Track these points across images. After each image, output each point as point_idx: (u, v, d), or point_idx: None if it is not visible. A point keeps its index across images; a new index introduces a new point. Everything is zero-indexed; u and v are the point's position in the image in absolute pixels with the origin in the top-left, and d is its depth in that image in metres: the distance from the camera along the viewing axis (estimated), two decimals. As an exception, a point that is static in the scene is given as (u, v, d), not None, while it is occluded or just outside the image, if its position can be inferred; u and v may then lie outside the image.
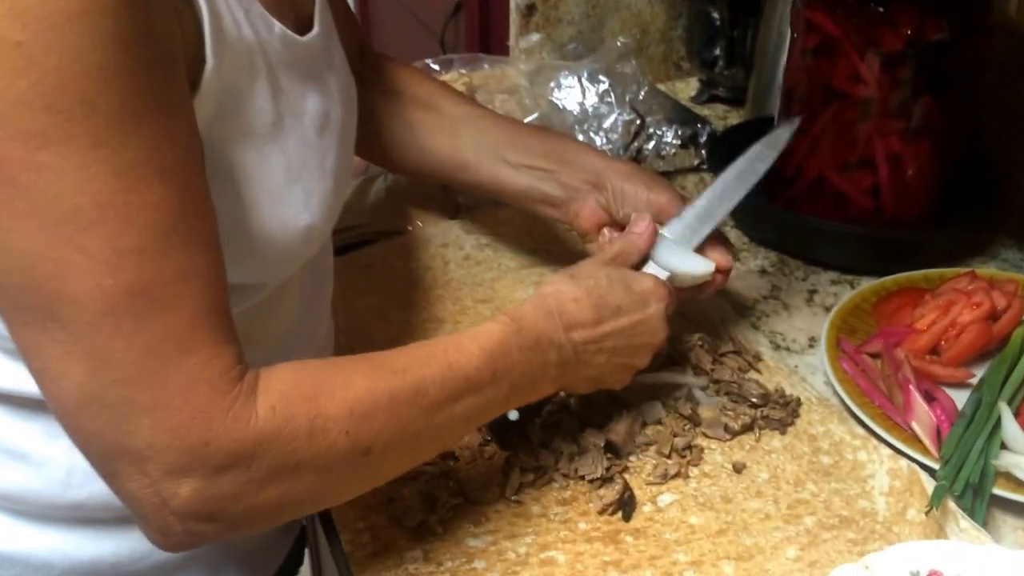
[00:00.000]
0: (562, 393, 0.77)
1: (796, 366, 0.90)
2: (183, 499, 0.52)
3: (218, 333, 0.53)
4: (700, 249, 0.82)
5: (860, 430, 0.79)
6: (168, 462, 0.51)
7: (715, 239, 0.83)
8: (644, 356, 0.75)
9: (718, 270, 0.82)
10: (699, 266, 0.81)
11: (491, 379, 0.64)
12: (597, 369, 0.72)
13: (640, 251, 0.79)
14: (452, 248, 1.03)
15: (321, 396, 0.55)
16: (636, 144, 1.20)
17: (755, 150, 0.86)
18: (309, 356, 0.75)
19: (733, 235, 1.10)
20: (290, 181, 0.62)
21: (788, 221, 1.04)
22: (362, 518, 0.71)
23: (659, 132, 1.20)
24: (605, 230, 0.86)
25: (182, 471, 0.51)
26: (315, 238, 0.65)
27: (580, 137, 1.18)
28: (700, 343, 0.88)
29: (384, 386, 0.58)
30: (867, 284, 0.96)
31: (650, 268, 0.80)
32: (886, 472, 0.75)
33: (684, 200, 0.84)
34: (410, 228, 1.05)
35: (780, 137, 0.86)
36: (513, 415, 0.74)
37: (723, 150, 1.12)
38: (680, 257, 0.80)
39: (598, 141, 1.18)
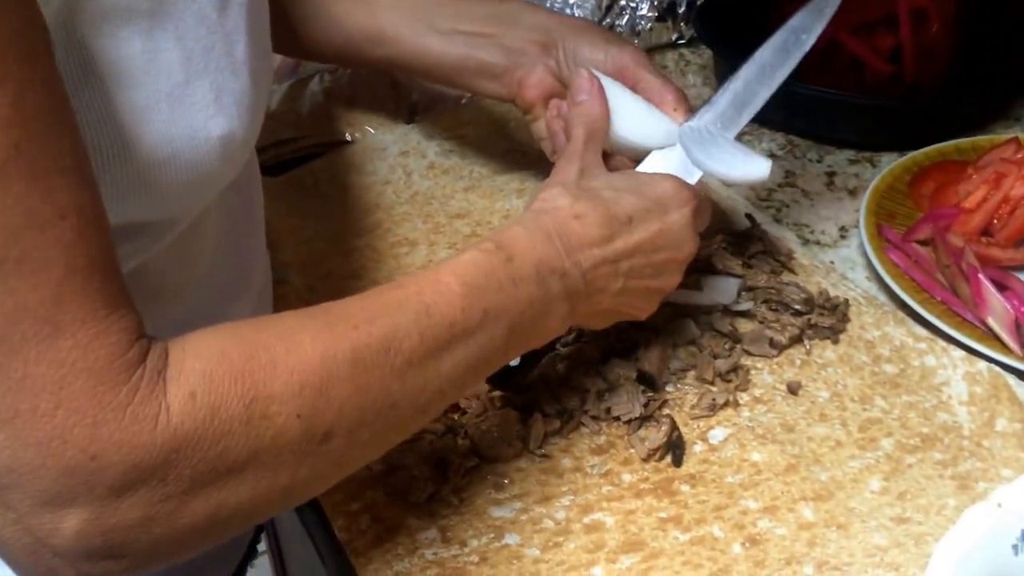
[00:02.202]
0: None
1: (832, 262, 0.78)
2: (69, 536, 0.38)
3: (101, 301, 0.38)
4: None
5: (922, 331, 0.68)
6: (40, 489, 0.37)
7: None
8: (670, 276, 0.61)
9: None
10: (748, 164, 0.64)
11: (481, 322, 0.50)
12: (614, 297, 0.58)
13: (601, 118, 0.64)
14: (413, 156, 0.87)
15: (259, 370, 0.41)
16: (608, 20, 1.04)
17: (797, 20, 0.70)
18: (246, 306, 0.60)
19: (730, 117, 0.97)
20: (193, 76, 0.46)
21: (797, 95, 0.90)
22: (355, 497, 0.58)
23: (632, 4, 1.04)
24: (554, 103, 0.70)
25: (62, 499, 0.37)
26: (235, 151, 0.49)
27: (543, 17, 1.03)
28: (723, 244, 0.75)
29: (343, 346, 0.44)
30: (896, 161, 0.84)
31: (675, 166, 0.65)
32: (962, 377, 0.65)
33: (648, 63, 0.69)
34: (358, 136, 0.89)
35: (827, 2, 0.70)
36: (514, 360, 0.60)
37: (715, 18, 0.98)
38: (720, 152, 0.65)
39: (565, 20, 1.02)
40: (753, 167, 0.64)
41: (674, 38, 1.08)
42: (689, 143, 0.65)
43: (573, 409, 0.62)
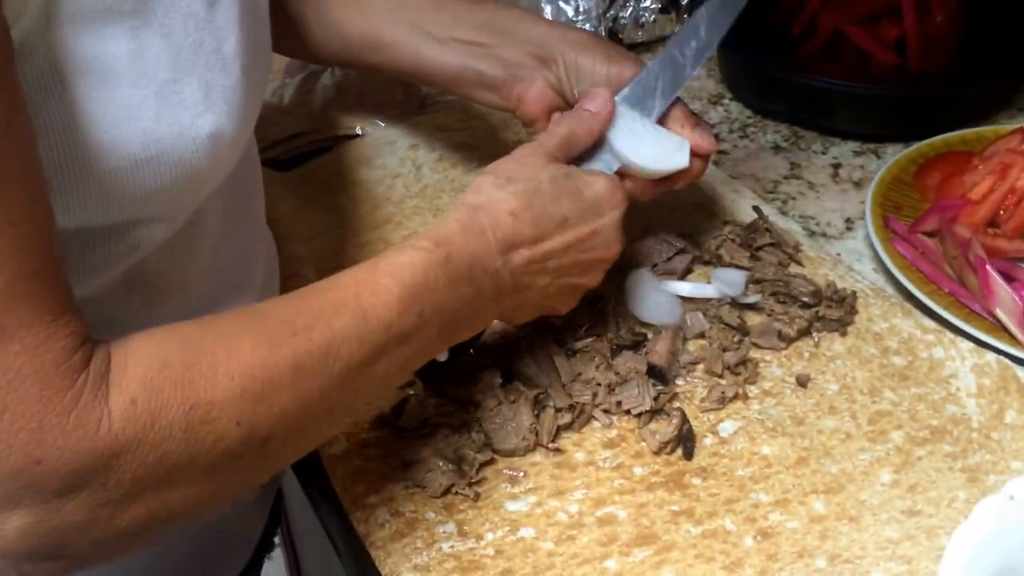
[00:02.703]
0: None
1: (838, 254, 0.78)
2: (11, 537, 0.39)
3: (49, 306, 0.38)
4: (666, 126, 0.67)
5: (930, 323, 0.69)
6: None
7: (688, 117, 0.68)
8: (595, 274, 0.62)
9: (695, 154, 0.67)
10: (671, 152, 0.65)
11: (417, 324, 0.50)
12: (539, 293, 0.59)
13: (593, 134, 0.64)
14: (422, 150, 0.87)
15: (199, 377, 0.42)
16: (612, 12, 1.04)
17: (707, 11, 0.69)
18: (249, 299, 0.60)
19: (735, 109, 0.97)
20: (181, 73, 0.46)
21: (801, 87, 0.91)
22: (374, 490, 0.58)
23: (637, -4, 1.04)
24: (556, 116, 0.69)
25: (6, 502, 0.38)
26: (225, 147, 0.49)
27: (548, 8, 1.03)
28: (731, 236, 0.76)
29: (284, 353, 0.44)
30: (902, 152, 0.84)
31: (602, 159, 0.65)
32: (970, 369, 0.65)
33: None
34: (369, 129, 0.89)
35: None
36: (442, 355, 0.61)
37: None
38: (645, 141, 0.65)
39: (569, 11, 1.02)
40: (674, 154, 0.65)
41: (677, 30, 1.08)
42: (612, 136, 0.65)
43: (584, 403, 0.63)
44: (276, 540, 1.31)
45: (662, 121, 0.68)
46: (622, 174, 0.65)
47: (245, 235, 0.62)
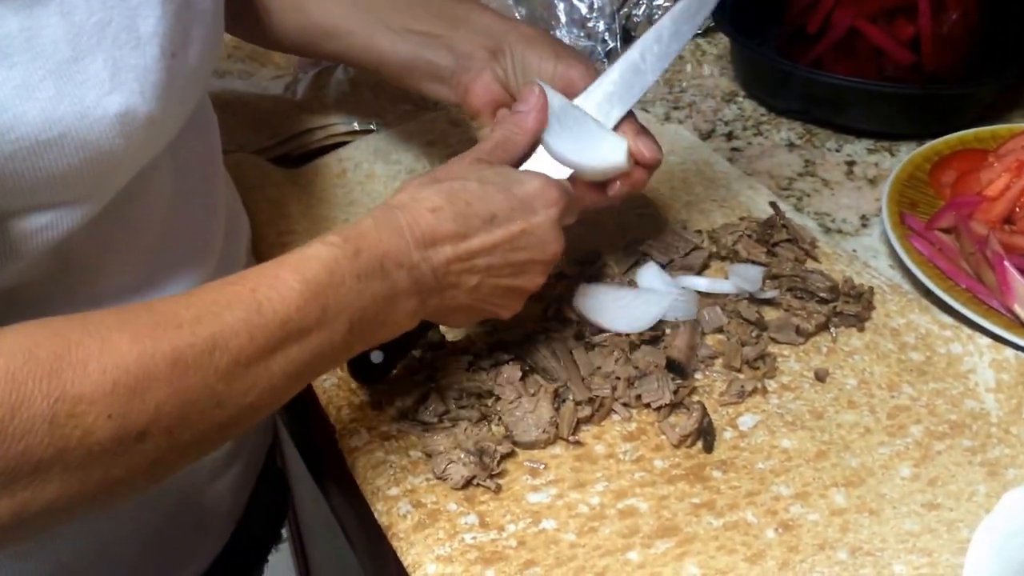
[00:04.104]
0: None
1: (854, 250, 0.78)
2: None
3: None
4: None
5: (947, 318, 0.69)
6: None
7: (635, 129, 0.66)
8: (533, 276, 0.59)
9: (637, 161, 0.65)
10: (607, 152, 0.63)
11: (319, 319, 0.49)
12: (470, 294, 0.57)
13: (528, 134, 0.62)
14: (438, 146, 0.87)
15: (67, 369, 0.40)
16: (625, 9, 1.04)
17: (682, 6, 0.66)
18: (205, 270, 0.60)
19: (748, 107, 0.98)
20: (83, 52, 0.45)
21: (816, 84, 0.91)
22: (395, 482, 0.58)
23: (650, -7, 1.05)
24: (502, 112, 0.67)
25: None
26: (140, 128, 0.47)
27: (562, 5, 1.03)
28: (747, 232, 0.76)
29: (163, 346, 0.43)
30: (917, 150, 0.85)
31: (540, 159, 0.63)
32: (989, 365, 0.65)
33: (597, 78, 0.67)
34: (384, 124, 0.89)
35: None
36: (376, 356, 0.60)
37: (734, 6, 0.98)
38: (579, 137, 0.63)
39: (583, 8, 1.02)
40: (609, 154, 0.63)
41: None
42: (547, 132, 0.63)
43: (604, 396, 0.63)
44: (283, 533, 1.31)
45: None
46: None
47: (200, 215, 0.62)
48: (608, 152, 0.63)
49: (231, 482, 0.69)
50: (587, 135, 0.63)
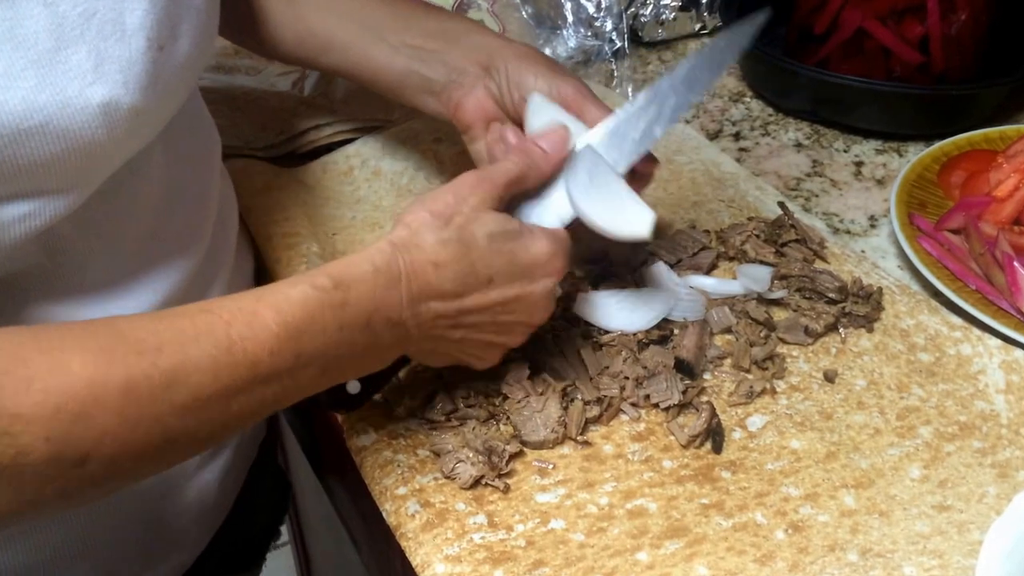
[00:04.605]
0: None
1: (863, 251, 0.78)
2: None
3: None
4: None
5: (956, 319, 0.69)
6: None
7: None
8: (516, 336, 0.59)
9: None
10: (632, 218, 0.59)
11: (292, 366, 0.47)
12: (450, 345, 0.57)
13: (543, 177, 0.61)
14: (446, 143, 0.87)
15: (9, 386, 0.39)
16: (632, 10, 1.04)
17: (711, 49, 0.65)
18: (193, 259, 0.60)
19: (756, 107, 0.97)
20: (66, 42, 0.45)
21: (824, 84, 0.91)
22: (403, 481, 0.58)
23: (657, -7, 1.04)
24: (496, 127, 0.68)
25: None
26: (123, 119, 0.47)
27: (568, 4, 1.03)
28: (756, 232, 0.76)
29: (116, 372, 0.42)
30: (925, 150, 0.84)
31: (557, 206, 0.61)
32: (999, 366, 0.65)
33: (592, 96, 0.66)
34: (391, 122, 0.89)
35: (744, 33, 0.65)
36: (353, 387, 0.59)
37: (742, 7, 0.98)
38: (605, 197, 0.60)
39: (590, 8, 1.02)
40: (635, 224, 0.59)
41: (697, 28, 1.08)
42: (572, 182, 0.61)
43: (612, 397, 0.63)
44: (283, 529, 1.31)
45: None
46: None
47: (191, 209, 0.61)
48: (633, 222, 0.60)
49: (218, 474, 0.68)
50: (615, 199, 0.61)
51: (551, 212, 0.62)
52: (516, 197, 0.61)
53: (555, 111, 0.65)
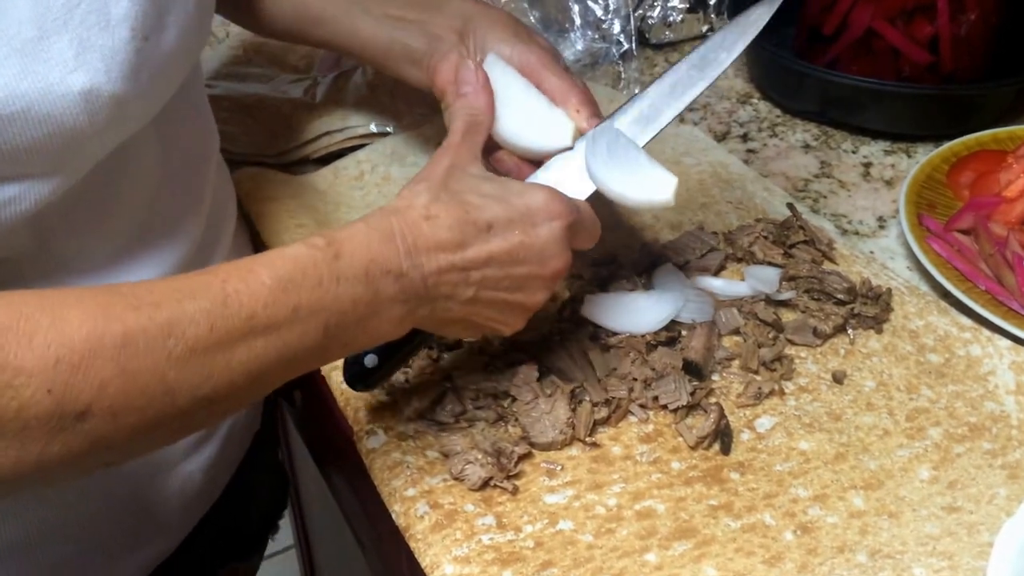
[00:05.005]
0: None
1: (871, 252, 0.78)
2: None
3: None
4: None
5: (966, 320, 0.69)
6: None
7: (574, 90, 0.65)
8: (534, 292, 0.57)
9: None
10: (655, 185, 0.60)
11: (290, 317, 0.48)
12: (465, 307, 0.55)
13: (485, 112, 0.62)
14: (453, 146, 0.87)
15: (13, 340, 0.41)
16: (640, 11, 1.04)
17: (720, 36, 0.66)
18: (185, 255, 0.61)
19: (763, 108, 0.97)
20: (49, 31, 0.47)
21: (833, 84, 0.91)
22: (413, 482, 0.58)
23: (665, -6, 1.04)
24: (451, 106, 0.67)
25: None
26: (104, 107, 0.48)
27: (575, 6, 1.03)
28: (764, 233, 0.76)
29: (114, 326, 0.43)
30: (934, 151, 0.84)
31: (556, 175, 0.62)
32: (1009, 367, 0.65)
33: (554, 66, 0.67)
34: (401, 127, 0.89)
35: (754, 21, 0.66)
36: (370, 360, 0.59)
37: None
38: (624, 167, 0.61)
39: (598, 10, 1.02)
40: (657, 189, 0.60)
41: (704, 29, 1.08)
42: (590, 154, 0.62)
43: (620, 398, 0.63)
44: (287, 532, 1.31)
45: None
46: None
47: (184, 204, 0.62)
48: (655, 187, 0.60)
49: (203, 464, 0.68)
50: (635, 167, 0.61)
51: (566, 190, 0.61)
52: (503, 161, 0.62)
53: (504, 72, 0.65)
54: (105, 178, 0.53)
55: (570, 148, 0.63)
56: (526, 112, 0.64)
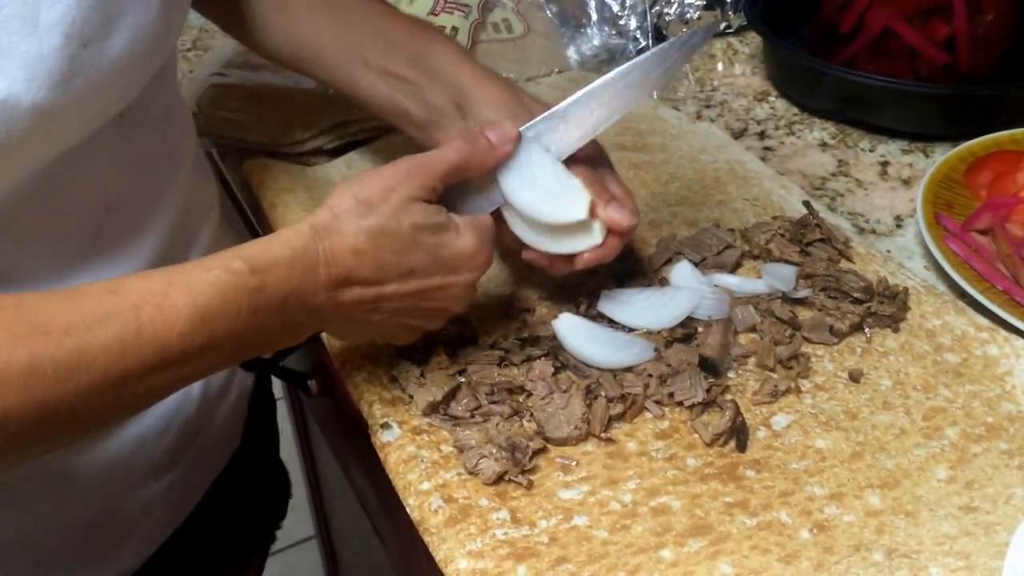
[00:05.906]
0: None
1: (888, 251, 0.78)
2: None
3: None
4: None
5: (983, 320, 0.68)
6: None
7: (607, 196, 0.63)
8: (436, 320, 0.60)
9: (611, 230, 0.63)
10: (566, 203, 0.61)
11: (202, 347, 0.47)
12: (368, 326, 0.58)
13: (484, 169, 0.61)
14: (469, 141, 0.87)
15: None
16: (657, 8, 1.04)
17: (657, 52, 0.65)
18: (147, 257, 0.60)
19: (781, 106, 0.97)
20: None
21: (850, 83, 0.90)
22: (427, 476, 0.58)
23: (682, -8, 1.04)
24: (464, 130, 0.66)
25: None
26: (23, 116, 0.45)
27: (592, 2, 1.03)
28: (780, 231, 0.75)
29: (21, 353, 0.42)
30: (952, 151, 0.84)
31: (488, 193, 0.62)
32: (1026, 367, 0.65)
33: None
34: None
35: (691, 44, 0.66)
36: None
37: (767, 5, 0.98)
38: (538, 183, 0.61)
39: (615, 7, 1.02)
40: (569, 209, 0.61)
41: (722, 27, 1.08)
42: (503, 169, 0.62)
43: (636, 394, 0.63)
44: (309, 524, 1.31)
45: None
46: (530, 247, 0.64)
47: (146, 207, 0.60)
48: (568, 206, 0.61)
49: (163, 488, 0.67)
50: (549, 184, 0.62)
51: (489, 203, 0.63)
52: (456, 186, 0.61)
53: (534, 147, 0.63)
54: (52, 185, 0.51)
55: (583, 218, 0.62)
56: (546, 183, 0.62)
